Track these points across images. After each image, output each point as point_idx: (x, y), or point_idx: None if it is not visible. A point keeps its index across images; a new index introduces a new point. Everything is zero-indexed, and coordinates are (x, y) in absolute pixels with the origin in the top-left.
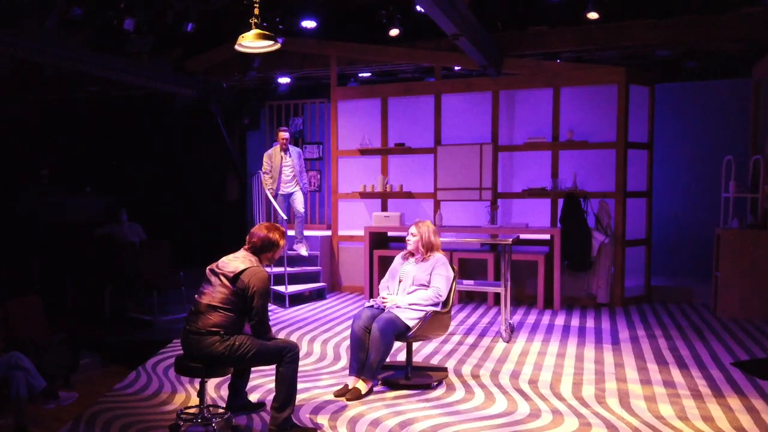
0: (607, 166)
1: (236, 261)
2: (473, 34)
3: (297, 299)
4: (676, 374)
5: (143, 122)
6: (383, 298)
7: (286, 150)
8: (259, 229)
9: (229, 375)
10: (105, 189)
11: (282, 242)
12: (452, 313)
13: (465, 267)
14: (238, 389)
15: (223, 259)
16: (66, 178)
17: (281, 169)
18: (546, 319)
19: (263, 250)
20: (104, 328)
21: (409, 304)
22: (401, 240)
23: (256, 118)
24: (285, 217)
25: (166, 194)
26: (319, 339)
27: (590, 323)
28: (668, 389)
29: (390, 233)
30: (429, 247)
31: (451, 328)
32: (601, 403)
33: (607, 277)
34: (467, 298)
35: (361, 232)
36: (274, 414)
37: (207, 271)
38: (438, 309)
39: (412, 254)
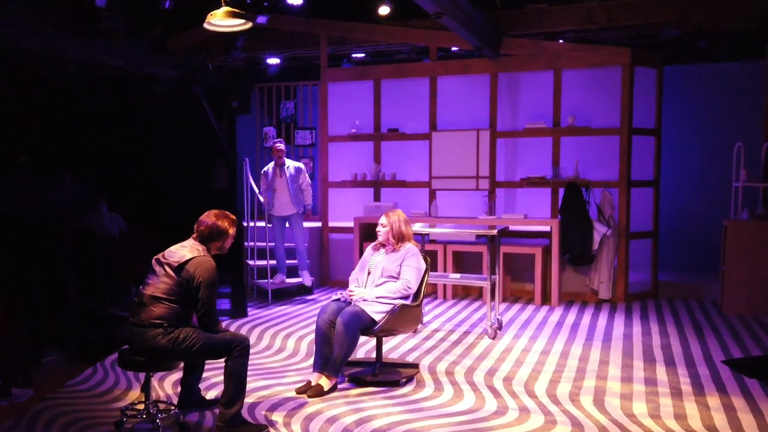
0: (611, 154)
1: (183, 250)
2: (459, 12)
3: (282, 294)
4: (661, 372)
5: (123, 106)
6: (350, 290)
7: (281, 165)
8: (208, 217)
9: (182, 370)
10: (84, 177)
11: (231, 231)
12: (443, 308)
13: (460, 260)
14: (190, 385)
15: (171, 248)
16: (43, 166)
17: (275, 188)
18: (540, 315)
19: (211, 238)
20: (75, 324)
21: (377, 297)
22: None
23: (246, 101)
24: (268, 207)
25: (148, 183)
26: (295, 335)
27: (586, 320)
28: (648, 387)
29: None
30: (399, 238)
31: (438, 324)
32: (574, 401)
33: (609, 271)
34: (463, 294)
35: (352, 224)
36: (222, 410)
37: (153, 260)
38: (407, 302)
39: (383, 245)
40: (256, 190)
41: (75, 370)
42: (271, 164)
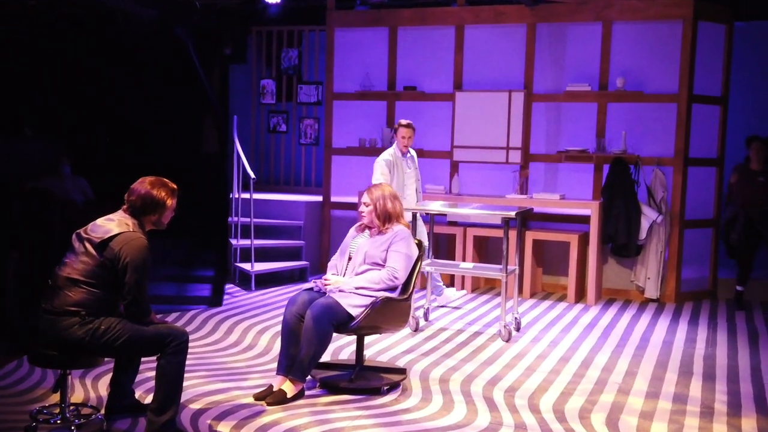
0: (666, 125)
1: (109, 224)
2: None
3: (267, 280)
4: (695, 387)
5: (92, 52)
6: (325, 278)
7: (405, 154)
8: (141, 184)
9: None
10: (46, 133)
11: (170, 202)
12: (457, 303)
13: (484, 247)
14: (121, 386)
15: (97, 221)
16: None
17: (404, 182)
18: (571, 315)
19: (145, 211)
20: (10, 306)
21: (356, 288)
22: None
23: (241, 47)
24: (253, 177)
25: (121, 143)
26: (272, 330)
27: (623, 322)
28: (675, 404)
29: None
30: (386, 218)
31: (446, 322)
32: (582, 419)
33: (658, 265)
34: (486, 287)
35: (357, 198)
36: (151, 417)
37: (73, 235)
38: (393, 295)
39: (368, 227)
40: (242, 155)
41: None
42: (392, 151)
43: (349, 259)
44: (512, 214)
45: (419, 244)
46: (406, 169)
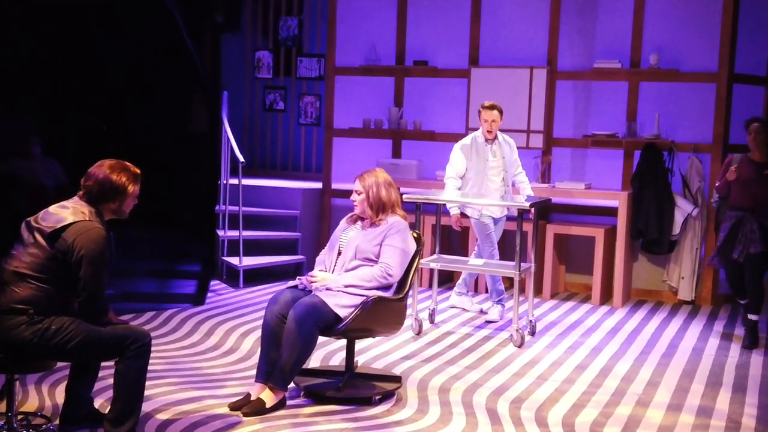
0: (704, 108)
1: (63, 212)
2: None
3: (258, 277)
4: (723, 400)
5: (68, 18)
6: (311, 275)
7: (493, 140)
8: (99, 168)
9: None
10: (12, 108)
11: (132, 188)
12: (470, 304)
13: (501, 241)
14: (77, 393)
15: (49, 208)
16: None
17: (486, 173)
18: (594, 318)
19: (103, 198)
20: None
21: (345, 286)
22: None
23: (235, 15)
24: (242, 160)
25: (100, 123)
26: (257, 333)
27: (651, 326)
28: (698, 418)
29: (401, 189)
30: (380, 207)
31: (453, 325)
32: None
33: (693, 264)
34: (504, 285)
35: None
36: (108, 428)
37: (22, 224)
38: (386, 294)
39: (361, 218)
40: (230, 136)
41: None
42: (475, 135)
43: (339, 254)
44: (527, 205)
45: (417, 238)
46: (489, 158)
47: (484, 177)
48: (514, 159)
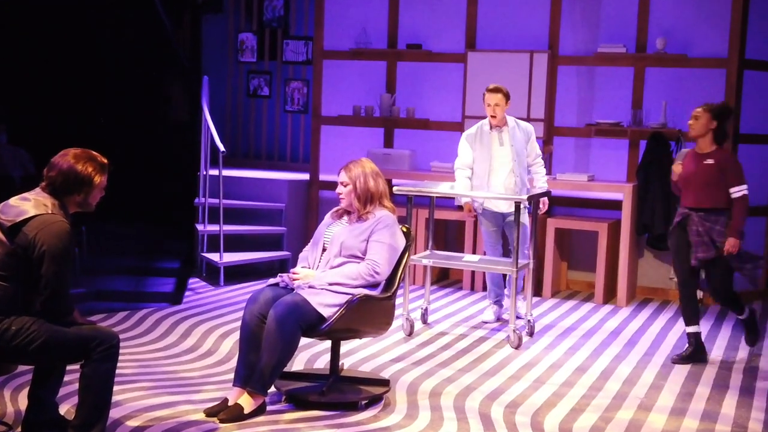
0: (713, 95)
1: (24, 204)
2: None
3: (241, 274)
4: (729, 404)
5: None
6: (293, 272)
7: (501, 126)
8: (63, 158)
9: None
10: None
11: (98, 179)
12: (464, 303)
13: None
14: (40, 398)
15: (9, 201)
16: None
17: (490, 163)
18: (596, 317)
19: (67, 189)
20: None
21: (329, 284)
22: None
23: None
24: (223, 150)
25: (73, 110)
26: (236, 334)
27: (656, 327)
28: (703, 423)
29: (393, 181)
30: (368, 199)
31: (447, 325)
32: None
33: None
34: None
35: None
36: None
37: None
38: (373, 292)
39: (347, 213)
40: (210, 124)
41: None
42: (481, 124)
43: (324, 250)
44: (524, 197)
45: (407, 233)
46: (496, 147)
47: (489, 168)
48: (530, 147)
